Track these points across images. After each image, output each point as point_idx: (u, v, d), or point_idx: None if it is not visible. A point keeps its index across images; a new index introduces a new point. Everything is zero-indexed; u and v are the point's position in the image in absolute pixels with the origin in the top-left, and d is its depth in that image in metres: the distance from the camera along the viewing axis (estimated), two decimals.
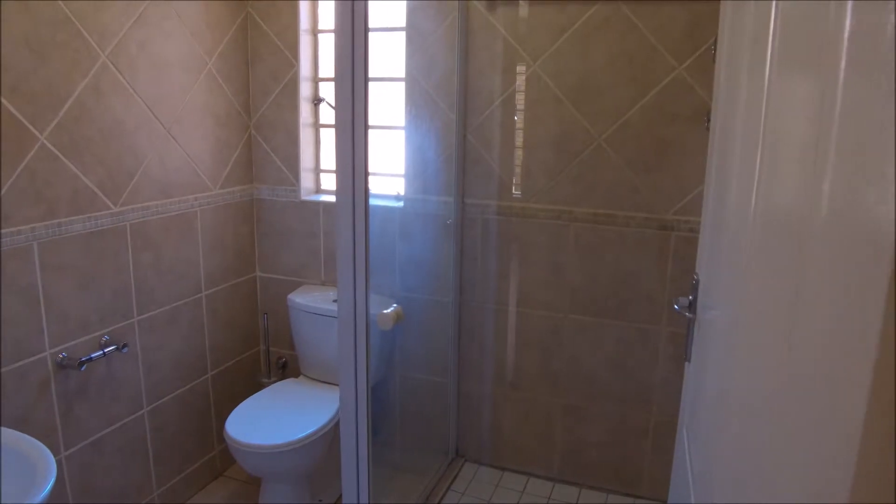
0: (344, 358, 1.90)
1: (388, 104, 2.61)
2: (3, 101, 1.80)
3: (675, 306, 1.44)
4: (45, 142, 1.92)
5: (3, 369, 1.89)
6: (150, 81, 2.24)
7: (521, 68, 2.40)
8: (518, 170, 2.47)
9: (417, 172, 2.61)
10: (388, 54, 2.56)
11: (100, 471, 2.23)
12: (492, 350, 2.65)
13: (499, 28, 2.40)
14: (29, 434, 1.94)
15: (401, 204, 2.61)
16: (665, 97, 2.23)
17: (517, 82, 2.41)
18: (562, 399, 2.57)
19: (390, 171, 2.67)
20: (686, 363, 1.51)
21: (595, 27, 2.26)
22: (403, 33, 2.50)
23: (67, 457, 2.11)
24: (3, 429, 1.51)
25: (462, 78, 2.48)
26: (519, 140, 2.45)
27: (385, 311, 2.14)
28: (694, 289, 1.43)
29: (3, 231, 1.85)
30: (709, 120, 1.51)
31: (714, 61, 1.51)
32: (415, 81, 2.52)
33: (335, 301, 2.53)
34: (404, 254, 2.64)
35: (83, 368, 2.07)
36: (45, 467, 1.44)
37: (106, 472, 2.25)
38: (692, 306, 1.41)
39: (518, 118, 2.43)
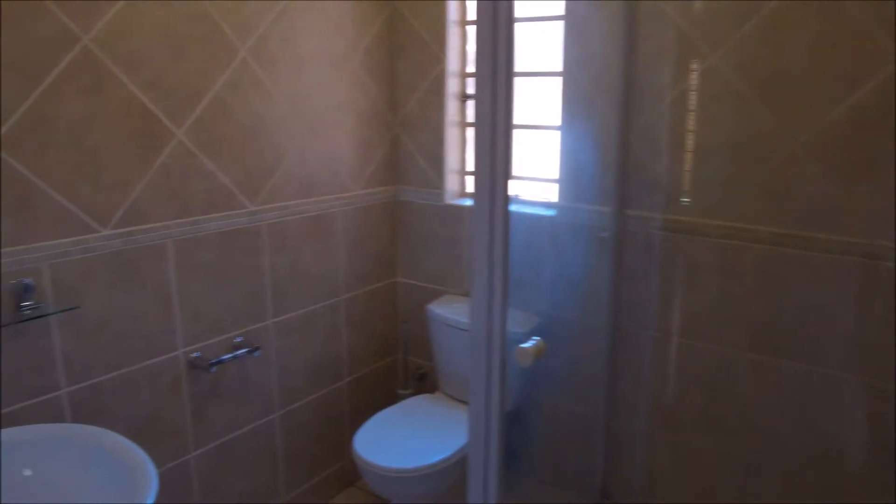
0: (475, 382, 1.69)
1: (542, 102, 2.36)
2: (140, 95, 1.78)
3: None
4: (182, 138, 1.89)
5: (136, 365, 1.88)
6: (291, 77, 2.16)
7: (696, 60, 2.04)
8: (688, 179, 2.11)
9: (571, 178, 2.33)
10: (543, 47, 2.31)
11: (228, 473, 2.19)
12: (648, 383, 2.31)
13: (670, 14, 2.06)
14: (159, 433, 1.94)
15: (552, 212, 2.36)
16: (880, 94, 1.78)
17: (691, 76, 2.06)
18: (728, 449, 2.18)
19: (542, 176, 2.42)
20: None
21: (789, 9, 1.86)
22: (561, 23, 2.24)
23: (196, 457, 2.08)
24: (107, 432, 1.45)
25: (625, 72, 2.17)
26: (691, 144, 2.10)
27: (524, 346, 1.89)
28: None
29: (137, 228, 1.83)
30: None
31: None
32: (572, 76, 2.25)
33: None
34: (552, 268, 2.38)
35: (213, 370, 2.03)
36: (144, 475, 1.35)
37: (234, 474, 2.21)
38: None
39: (690, 118, 2.08)
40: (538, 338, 1.82)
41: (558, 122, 2.30)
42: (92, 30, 1.65)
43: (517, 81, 1.47)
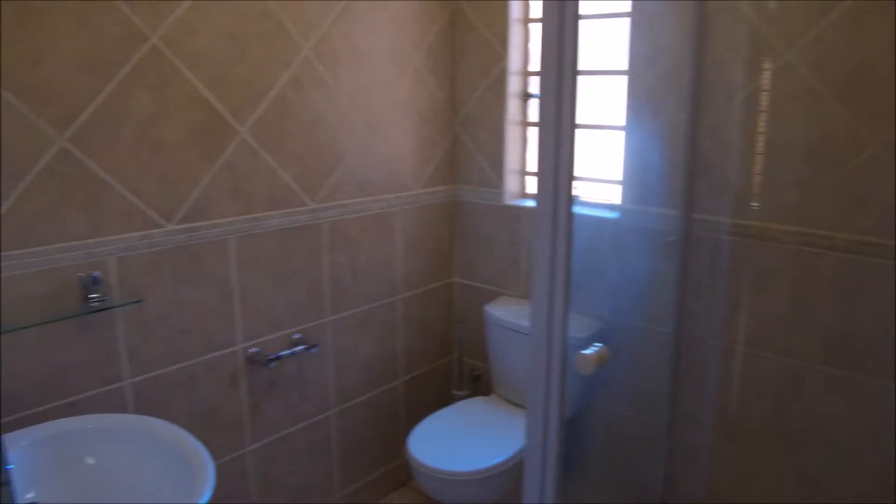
0: (534, 387, 1.65)
1: (606, 100, 2.29)
2: (205, 92, 1.80)
3: None
4: (245, 136, 1.91)
5: (197, 359, 1.91)
6: (353, 75, 2.16)
7: (769, 58, 1.95)
8: (759, 182, 2.02)
9: (636, 180, 2.26)
10: (608, 44, 2.25)
11: (283, 468, 2.21)
12: (713, 393, 2.22)
13: (744, 10, 1.97)
14: (217, 426, 1.96)
15: (615, 215, 2.29)
16: None
17: (764, 74, 1.97)
18: (798, 465, 2.08)
19: (604, 177, 2.35)
20: None
21: (870, 4, 1.75)
22: (627, 20, 2.17)
23: (253, 451, 2.11)
24: (168, 425, 1.48)
25: (694, 70, 2.09)
26: (762, 145, 2.00)
27: (585, 353, 1.83)
28: None
29: (201, 223, 1.86)
30: None
31: None
32: (638, 74, 2.18)
33: None
34: (615, 271, 2.31)
35: (272, 366, 2.05)
36: (203, 469, 1.36)
37: (289, 469, 2.23)
38: None
39: (762, 118, 1.99)
40: (600, 344, 1.76)
41: (622, 121, 2.24)
42: (160, 28, 1.68)
43: (580, 80, 1.43)
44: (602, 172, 2.35)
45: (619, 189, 2.30)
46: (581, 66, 1.42)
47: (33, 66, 1.49)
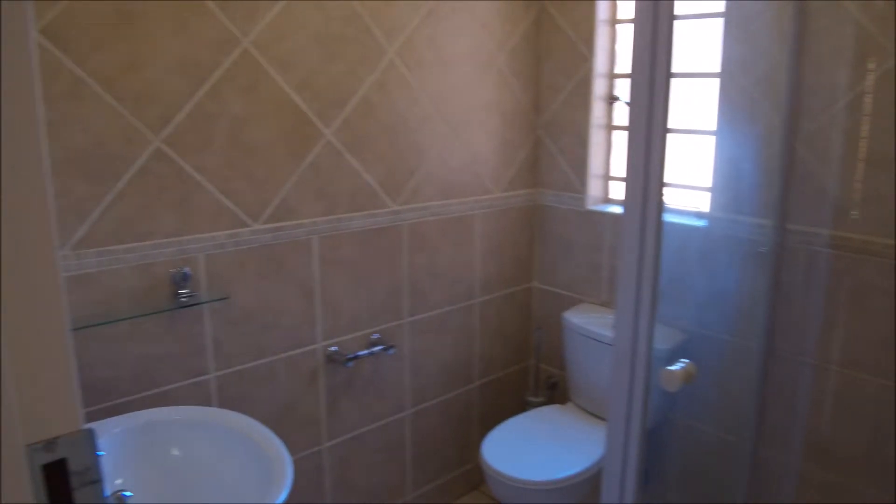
0: (615, 398, 1.61)
1: (695, 104, 2.21)
2: (293, 95, 1.84)
3: None
4: (330, 138, 1.94)
5: (278, 356, 1.96)
6: (436, 78, 2.17)
7: (875, 59, 1.83)
8: (860, 192, 1.90)
9: (727, 187, 2.17)
10: (698, 45, 2.16)
11: (357, 466, 2.23)
12: (803, 415, 2.11)
13: (849, 9, 1.86)
14: (295, 421, 2.00)
15: (702, 223, 2.21)
16: None
17: (868, 77, 1.85)
18: (889, 498, 1.94)
19: (692, 184, 2.27)
20: None
21: None
22: (720, 20, 2.08)
23: (329, 448, 2.14)
24: (250, 420, 1.51)
25: (793, 72, 1.98)
26: (865, 152, 1.88)
27: (672, 369, 1.77)
28: None
29: (286, 223, 1.90)
30: None
31: None
32: (731, 77, 2.09)
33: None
34: (702, 283, 2.22)
35: (350, 365, 2.08)
36: (282, 467, 1.39)
37: (363, 468, 2.25)
38: None
39: (866, 124, 1.87)
40: (687, 360, 1.70)
41: (713, 126, 2.15)
42: (251, 33, 1.73)
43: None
44: (690, 179, 2.26)
45: (708, 196, 2.21)
46: (674, 69, 1.37)
47: (133, 71, 1.56)
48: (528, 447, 2.18)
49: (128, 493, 1.30)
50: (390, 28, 2.01)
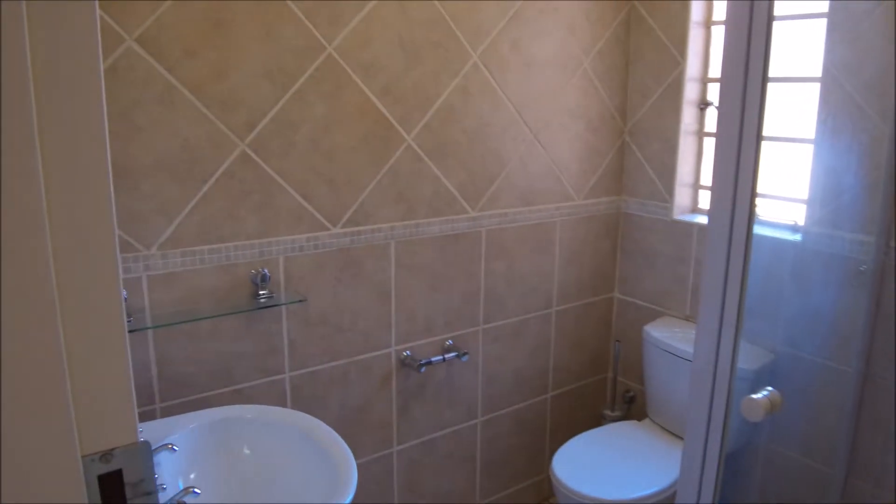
0: (694, 419, 1.54)
1: (790, 110, 2.08)
2: (375, 100, 1.84)
3: None
4: (411, 143, 1.93)
5: (351, 358, 1.97)
6: (520, 82, 2.12)
7: None
8: None
9: (825, 200, 2.03)
10: (795, 48, 2.03)
11: (427, 471, 2.23)
12: None
13: None
14: (366, 424, 2.02)
15: (797, 237, 2.08)
16: None
17: None
18: None
19: (786, 195, 2.14)
20: None
21: None
22: (823, 21, 1.95)
23: (399, 451, 2.14)
24: (319, 423, 1.52)
25: None
26: None
27: (755, 397, 1.67)
28: None
29: (364, 227, 1.91)
30: None
31: None
32: (834, 81, 1.95)
33: None
34: (793, 300, 2.10)
35: (423, 370, 2.07)
36: (348, 472, 1.39)
37: (433, 473, 2.25)
38: None
39: None
40: (771, 389, 1.60)
41: (811, 134, 2.01)
42: (336, 39, 1.73)
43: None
44: (783, 189, 2.14)
45: (803, 209, 2.08)
46: (771, 73, 1.29)
47: (221, 77, 1.60)
48: (601, 463, 2.12)
49: (197, 491, 1.33)
50: (474, 31, 1.98)
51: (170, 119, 1.55)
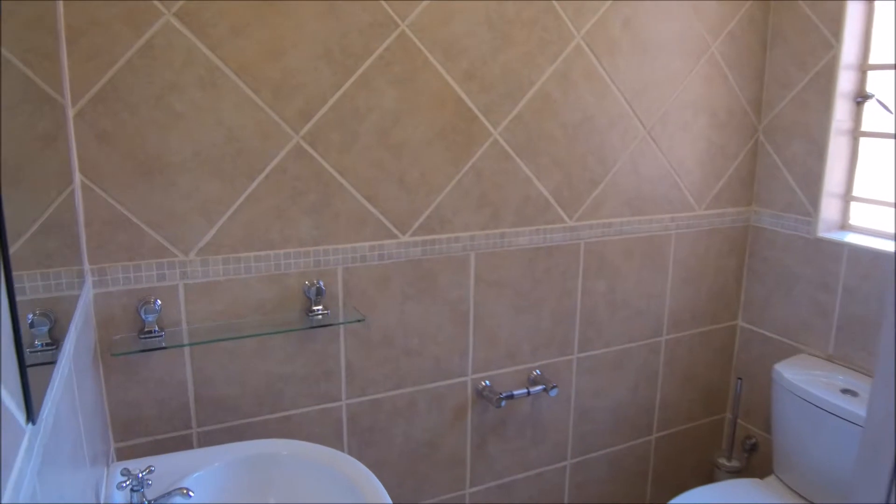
0: (863, 495, 1.18)
1: None
2: (456, 87, 1.56)
3: None
4: (497, 137, 1.65)
5: (420, 386, 1.71)
6: (632, 68, 1.78)
7: None
8: None
9: None
10: None
11: None
12: None
13: None
14: (435, 462, 1.76)
15: None
16: None
17: None
18: None
19: None
20: None
21: None
22: None
23: (473, 493, 1.87)
24: (360, 467, 1.27)
25: None
26: None
27: None
28: None
29: (439, 236, 1.64)
30: None
31: None
32: None
33: (845, 391, 1.75)
34: None
35: (503, 405, 1.78)
36: None
37: None
38: None
39: None
40: None
41: None
42: (411, 14, 1.47)
43: None
44: None
45: None
46: None
47: (273, 59, 1.37)
48: None
49: (191, 495, 1.12)
50: (578, 7, 1.66)
51: (213, 105, 1.34)
